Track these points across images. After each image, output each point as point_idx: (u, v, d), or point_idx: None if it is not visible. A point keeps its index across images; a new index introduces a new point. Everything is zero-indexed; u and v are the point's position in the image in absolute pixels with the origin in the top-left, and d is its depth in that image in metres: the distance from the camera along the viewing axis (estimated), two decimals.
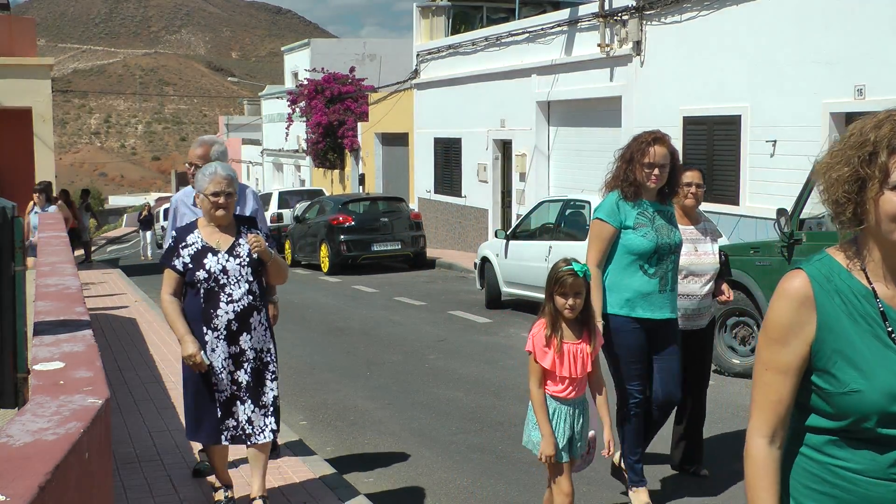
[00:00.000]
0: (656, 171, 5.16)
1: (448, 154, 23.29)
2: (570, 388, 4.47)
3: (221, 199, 4.75)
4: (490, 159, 21.04)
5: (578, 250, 11.99)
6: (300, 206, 22.61)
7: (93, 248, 26.03)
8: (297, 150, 34.95)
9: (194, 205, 5.43)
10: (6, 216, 4.66)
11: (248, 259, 4.80)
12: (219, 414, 4.82)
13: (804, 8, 12.44)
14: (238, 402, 4.83)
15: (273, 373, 4.93)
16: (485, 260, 13.97)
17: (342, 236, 19.12)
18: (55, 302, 4.93)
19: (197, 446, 6.04)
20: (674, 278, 5.33)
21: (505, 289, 13.48)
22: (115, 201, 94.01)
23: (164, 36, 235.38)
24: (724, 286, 5.82)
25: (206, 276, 4.74)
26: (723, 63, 13.88)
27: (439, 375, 9.31)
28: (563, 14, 18.31)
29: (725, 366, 8.88)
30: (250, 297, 4.81)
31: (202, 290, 4.77)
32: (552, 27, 18.36)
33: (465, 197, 22.30)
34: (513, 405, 7.96)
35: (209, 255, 4.77)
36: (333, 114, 30.00)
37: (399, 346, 11.00)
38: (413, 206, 23.65)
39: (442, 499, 5.77)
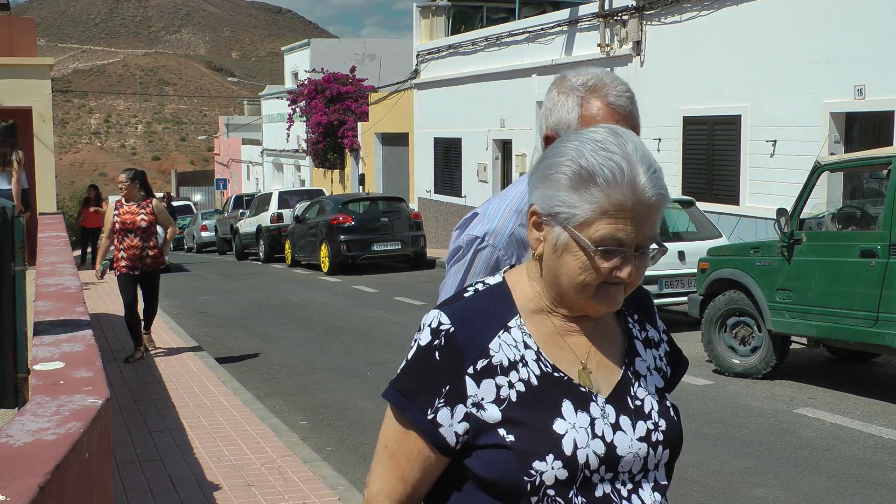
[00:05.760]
0: None
1: (448, 154, 23.29)
2: None
3: (626, 270, 1.54)
4: (490, 159, 21.04)
5: None
6: (300, 206, 22.61)
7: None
8: (297, 150, 34.96)
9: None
10: (6, 216, 4.66)
11: (664, 421, 1.64)
12: None
13: (804, 8, 12.44)
14: None
15: None
16: None
17: (342, 236, 19.11)
18: (55, 302, 4.93)
19: None
20: None
21: None
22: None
23: (164, 36, 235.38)
24: None
25: (567, 471, 1.52)
26: (723, 63, 13.88)
27: None
28: (563, 14, 18.31)
29: (725, 366, 8.88)
30: None
31: None
32: (552, 27, 18.36)
33: (465, 197, 22.30)
34: None
35: (564, 402, 1.56)
36: (333, 114, 30.01)
37: (399, 346, 10.99)
38: (413, 206, 23.65)
39: None
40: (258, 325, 12.90)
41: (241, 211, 27.53)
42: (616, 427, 1.56)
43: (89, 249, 20.29)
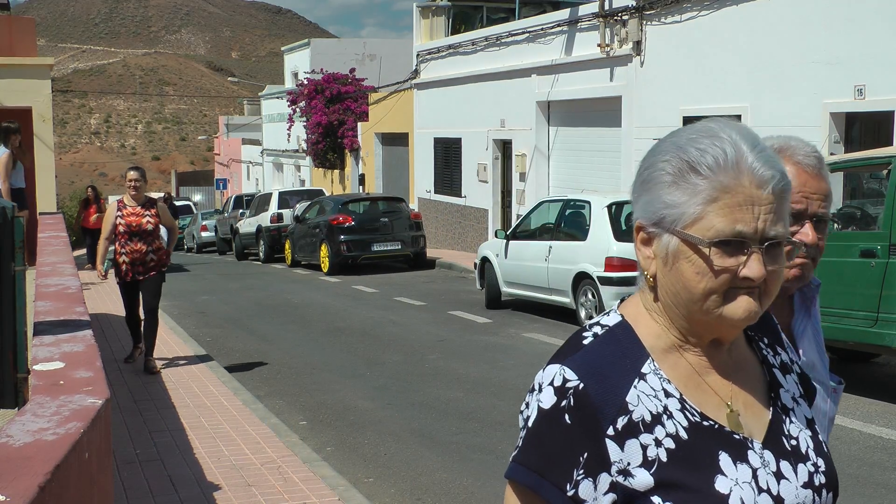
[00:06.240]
0: None
1: (448, 154, 23.28)
2: None
3: (753, 267, 1.29)
4: (490, 159, 21.03)
5: (578, 250, 11.99)
6: (300, 206, 22.62)
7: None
8: (297, 151, 34.96)
9: None
10: (6, 216, 4.65)
11: (822, 460, 1.42)
12: None
13: (804, 8, 12.44)
14: None
15: None
16: (485, 260, 13.97)
17: (342, 236, 19.12)
18: (55, 302, 4.93)
19: None
20: None
21: (505, 289, 13.47)
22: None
23: (164, 36, 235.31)
24: None
25: None
26: (723, 63, 13.88)
27: (439, 375, 9.31)
28: (563, 14, 18.31)
29: None
30: None
31: None
32: (552, 27, 18.36)
33: (465, 197, 22.29)
34: (513, 405, 7.95)
35: (721, 455, 1.32)
36: (333, 114, 30.01)
37: (399, 346, 10.99)
38: (413, 206, 23.65)
39: (442, 499, 5.77)
40: (258, 325, 12.90)
41: (241, 211, 27.53)
42: (779, 476, 1.34)
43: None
